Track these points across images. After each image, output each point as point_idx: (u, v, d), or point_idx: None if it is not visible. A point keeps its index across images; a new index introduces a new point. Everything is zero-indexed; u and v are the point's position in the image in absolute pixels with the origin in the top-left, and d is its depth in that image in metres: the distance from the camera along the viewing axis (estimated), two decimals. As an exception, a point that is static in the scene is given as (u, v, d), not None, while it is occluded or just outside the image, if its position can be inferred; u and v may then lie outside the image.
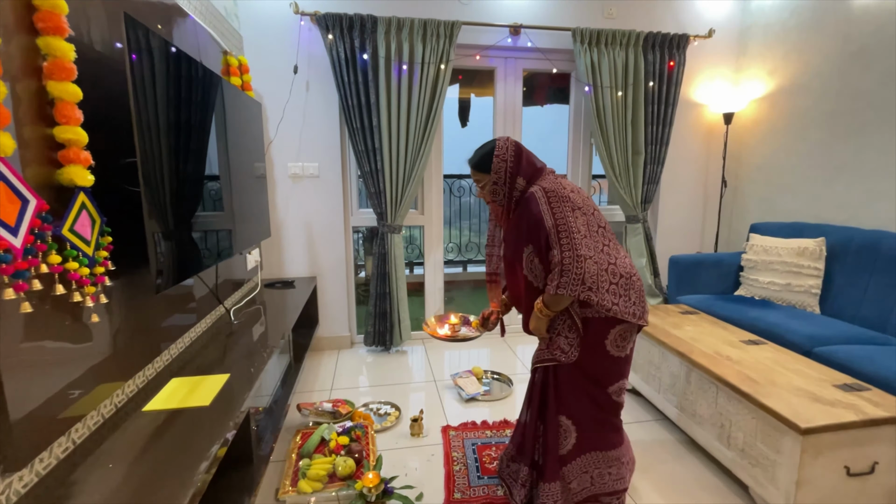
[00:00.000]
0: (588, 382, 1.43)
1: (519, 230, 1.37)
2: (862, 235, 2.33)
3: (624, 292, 1.34)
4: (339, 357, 2.92)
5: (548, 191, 1.31)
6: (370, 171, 2.74)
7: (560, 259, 1.24)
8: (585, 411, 1.45)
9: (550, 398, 1.45)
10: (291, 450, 1.84)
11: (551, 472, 1.45)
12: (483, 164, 1.38)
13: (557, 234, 1.26)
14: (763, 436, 1.51)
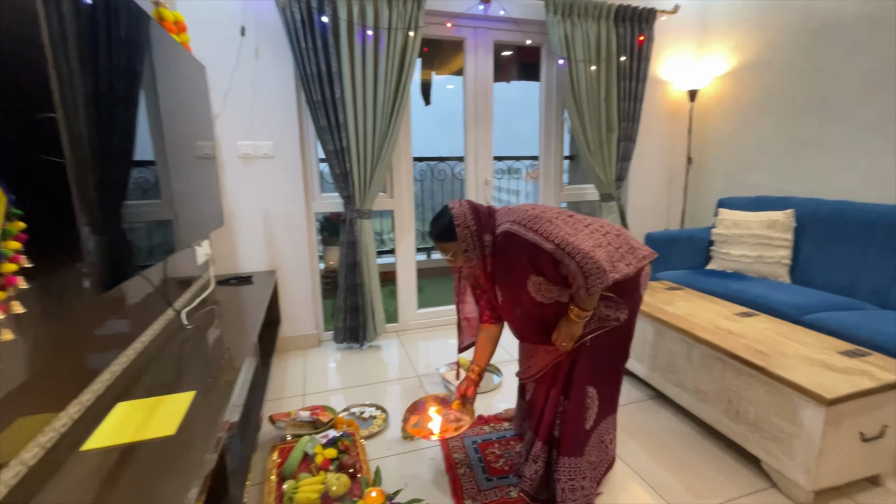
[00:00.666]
0: (623, 338, 1.46)
1: (514, 268, 1.36)
2: (828, 206, 2.41)
3: (628, 249, 1.37)
4: (308, 358, 2.64)
5: (520, 221, 1.31)
6: (334, 151, 2.46)
7: (577, 266, 1.23)
8: (609, 375, 1.48)
9: (581, 370, 1.41)
10: (269, 469, 1.58)
11: (576, 445, 1.41)
12: (446, 234, 1.36)
13: (560, 248, 1.25)
14: (778, 409, 1.48)
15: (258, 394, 1.86)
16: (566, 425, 1.42)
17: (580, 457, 1.41)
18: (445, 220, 1.37)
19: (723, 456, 1.70)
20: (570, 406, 1.42)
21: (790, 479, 1.46)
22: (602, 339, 1.41)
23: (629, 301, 1.41)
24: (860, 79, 2.33)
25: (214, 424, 1.04)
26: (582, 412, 1.42)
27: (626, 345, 1.50)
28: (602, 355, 1.44)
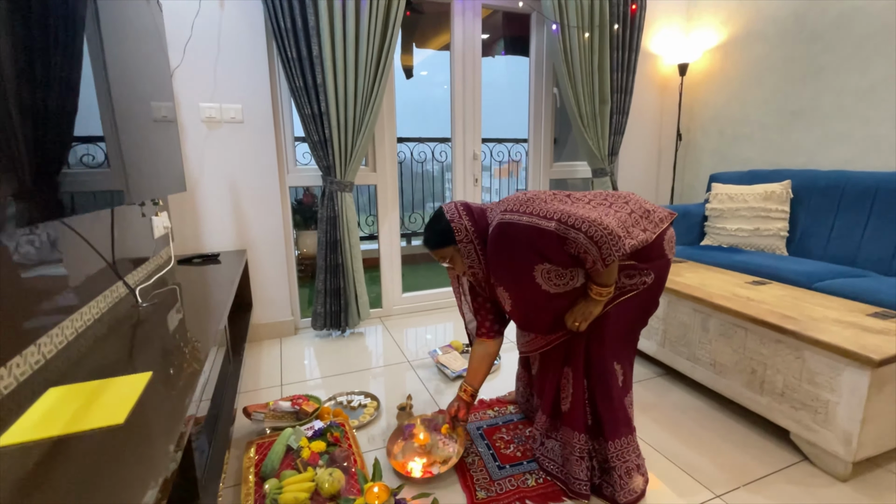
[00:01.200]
0: (647, 304, 1.32)
1: (515, 262, 1.19)
2: (825, 177, 2.37)
3: (642, 214, 1.25)
4: (283, 346, 2.39)
5: (512, 209, 1.19)
6: (312, 115, 2.21)
7: (586, 237, 1.08)
8: (631, 346, 1.36)
9: (604, 345, 1.26)
10: (246, 468, 1.35)
11: (621, 424, 1.27)
12: (444, 239, 1.29)
13: (563, 223, 1.10)
14: (811, 375, 1.37)
15: (230, 385, 1.62)
16: (603, 407, 1.27)
17: (631, 434, 1.28)
18: (441, 224, 1.28)
19: (745, 431, 1.59)
20: (600, 387, 1.27)
21: (826, 451, 1.35)
22: (625, 308, 1.26)
23: (654, 266, 1.26)
24: (855, 46, 2.29)
25: (177, 412, 0.81)
26: (615, 390, 1.27)
27: (648, 312, 1.35)
28: (624, 326, 1.30)
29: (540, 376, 1.47)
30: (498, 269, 1.25)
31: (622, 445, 1.25)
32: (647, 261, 1.24)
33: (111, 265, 1.31)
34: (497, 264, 1.24)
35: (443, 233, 1.28)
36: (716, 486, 1.33)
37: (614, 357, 1.28)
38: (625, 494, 1.23)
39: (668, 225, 1.28)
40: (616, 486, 1.24)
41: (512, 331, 1.63)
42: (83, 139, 1.05)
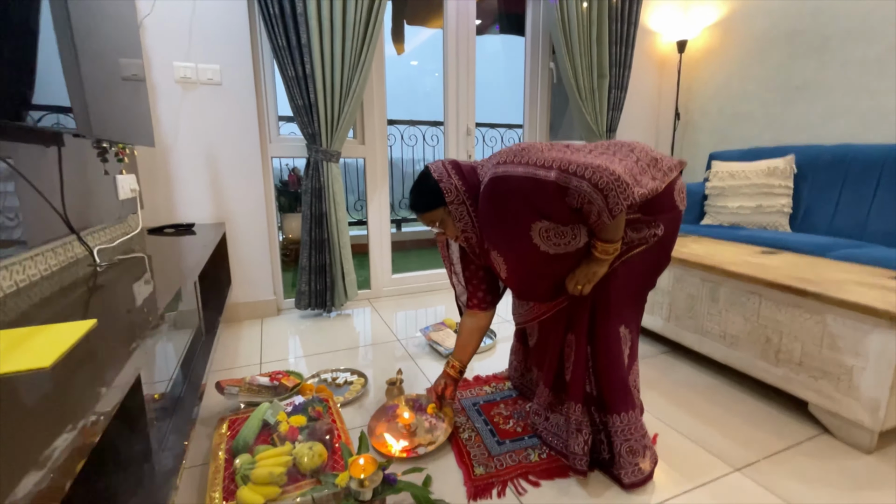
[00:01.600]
0: (658, 259, 1.20)
1: (510, 220, 1.06)
2: (829, 151, 2.30)
3: (650, 161, 1.10)
4: (265, 327, 2.24)
5: (506, 161, 1.05)
6: (295, 77, 2.07)
7: (590, 185, 0.93)
8: (638, 308, 1.23)
9: (611, 307, 1.13)
10: (216, 445, 1.20)
11: (624, 397, 1.14)
12: (432, 201, 1.14)
13: (564, 171, 0.96)
14: (833, 341, 1.27)
15: (200, 359, 1.46)
16: (606, 377, 1.14)
17: (634, 409, 1.14)
18: (428, 184, 1.15)
19: (758, 405, 1.49)
20: (604, 353, 1.14)
21: (850, 421, 1.26)
22: (633, 265, 1.14)
23: (664, 218, 1.14)
24: (862, 15, 2.22)
25: (117, 359, 0.67)
26: (620, 358, 1.15)
27: (659, 269, 1.23)
28: (633, 285, 1.17)
29: (539, 347, 1.36)
30: (491, 229, 1.11)
31: (626, 421, 1.13)
32: (655, 213, 1.13)
33: (60, 214, 1.16)
34: (490, 224, 1.10)
35: (430, 194, 1.14)
36: (733, 460, 1.22)
37: (621, 320, 1.15)
38: (628, 475, 1.11)
39: (678, 174, 1.17)
40: (620, 464, 1.12)
41: (504, 306, 1.50)
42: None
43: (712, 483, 1.13)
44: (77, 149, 1.31)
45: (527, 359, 1.50)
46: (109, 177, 1.56)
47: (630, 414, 1.13)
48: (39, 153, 1.12)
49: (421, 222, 1.22)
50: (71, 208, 1.22)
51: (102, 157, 1.50)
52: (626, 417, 1.12)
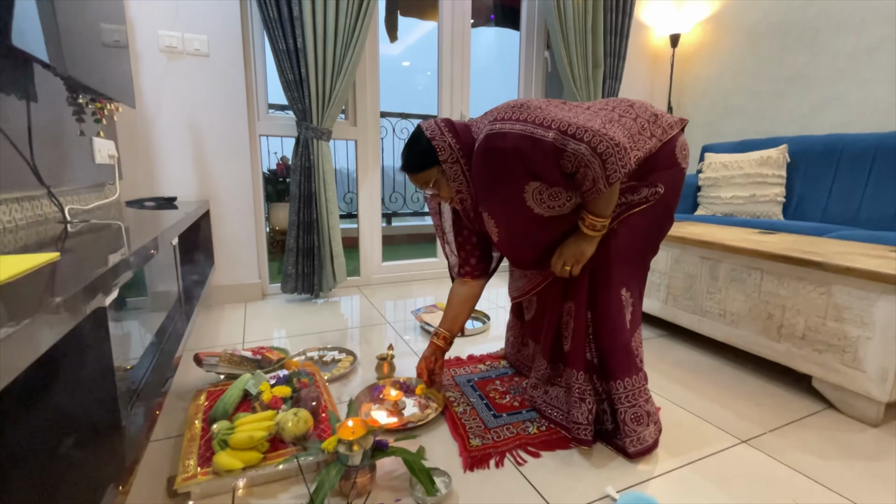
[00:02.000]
0: (660, 221, 1.14)
1: (502, 179, 1.02)
2: (820, 141, 2.31)
3: (649, 118, 1.07)
4: (248, 310, 2.14)
5: (503, 118, 1.00)
6: (286, 50, 2.01)
7: (588, 148, 0.90)
8: (641, 271, 1.18)
9: (612, 268, 1.09)
10: (192, 415, 1.11)
11: (627, 362, 1.09)
12: (426, 161, 1.08)
13: (562, 132, 0.92)
14: (839, 312, 1.24)
15: (176, 330, 1.37)
16: (608, 342, 1.09)
17: (638, 373, 1.09)
18: (421, 143, 1.08)
19: (759, 383, 1.45)
20: (605, 318, 1.09)
21: (856, 393, 1.22)
22: (634, 224, 1.09)
23: (665, 176, 1.10)
24: (852, 8, 2.25)
25: (78, 280, 0.59)
26: (622, 321, 1.10)
27: (661, 230, 1.17)
28: (635, 245, 1.12)
29: (536, 319, 1.31)
30: (484, 189, 1.06)
31: (630, 386, 1.07)
32: (655, 170, 1.09)
33: (27, 161, 1.07)
34: (483, 184, 1.05)
35: (423, 153, 1.08)
36: (739, 433, 1.17)
37: (622, 283, 1.11)
38: (633, 443, 1.05)
39: (680, 131, 1.13)
40: (624, 433, 1.06)
41: (499, 294, 1.45)
42: None
43: (719, 454, 1.08)
44: (50, 98, 1.23)
45: (523, 334, 1.44)
46: (86, 138, 1.48)
47: (634, 378, 1.08)
48: (7, 86, 1.03)
49: (413, 183, 1.16)
50: (41, 161, 1.13)
51: (78, 116, 1.41)
52: (629, 382, 1.07)
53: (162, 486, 0.93)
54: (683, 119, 1.14)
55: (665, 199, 1.11)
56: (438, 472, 0.96)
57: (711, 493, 0.95)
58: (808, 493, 0.96)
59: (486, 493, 0.94)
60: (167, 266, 1.46)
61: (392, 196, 4.29)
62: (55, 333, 0.48)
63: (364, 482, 0.90)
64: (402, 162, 1.12)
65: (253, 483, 0.93)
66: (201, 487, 0.89)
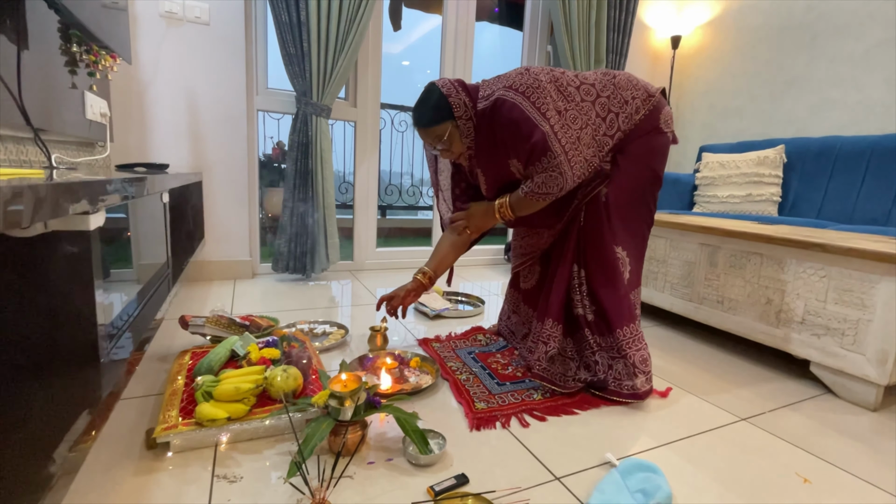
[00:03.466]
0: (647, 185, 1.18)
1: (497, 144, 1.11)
2: (817, 143, 2.34)
3: (619, 105, 1.11)
4: (237, 287, 2.09)
5: (515, 87, 1.05)
6: (289, 23, 1.98)
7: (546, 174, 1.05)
8: (634, 235, 1.20)
9: (602, 226, 1.14)
10: (175, 373, 1.06)
11: (624, 311, 1.14)
12: (442, 115, 1.11)
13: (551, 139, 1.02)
14: (839, 294, 1.23)
15: (160, 292, 1.31)
16: (604, 293, 1.14)
17: (635, 321, 1.15)
18: (434, 97, 1.12)
19: (756, 369, 1.44)
20: (601, 271, 1.15)
21: (855, 377, 1.21)
22: (619, 184, 1.14)
23: (646, 140, 1.14)
24: (851, 12, 2.29)
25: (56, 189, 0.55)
26: (619, 276, 1.14)
27: (649, 190, 1.19)
28: (622, 202, 1.15)
29: (535, 288, 1.34)
30: (482, 147, 1.14)
31: (633, 332, 1.14)
32: (637, 139, 1.14)
33: (14, 97, 1.02)
34: (483, 142, 1.13)
35: (439, 108, 1.11)
36: (739, 412, 1.15)
37: (614, 240, 1.15)
38: (644, 383, 1.13)
39: (660, 103, 1.15)
40: (634, 374, 1.12)
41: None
42: None
43: (720, 429, 1.06)
44: (42, 43, 1.18)
45: (517, 302, 1.43)
46: (77, 91, 1.43)
47: (633, 325, 1.14)
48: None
49: (423, 139, 1.16)
50: (30, 105, 1.09)
51: (71, 68, 1.36)
52: (632, 328, 1.14)
53: (140, 440, 0.88)
54: (650, 95, 1.14)
55: (648, 162, 1.16)
56: (433, 433, 0.93)
57: (713, 462, 0.93)
58: (810, 466, 0.93)
59: (482, 456, 0.90)
60: (156, 223, 1.40)
61: (387, 189, 4.25)
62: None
63: (354, 439, 0.86)
64: (416, 116, 1.14)
65: (237, 438, 0.89)
66: (182, 438, 0.84)
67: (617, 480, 0.79)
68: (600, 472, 0.87)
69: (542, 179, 1.04)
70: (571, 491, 0.81)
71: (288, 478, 0.72)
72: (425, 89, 1.14)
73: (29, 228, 0.65)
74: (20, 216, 0.41)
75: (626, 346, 1.12)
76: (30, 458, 0.52)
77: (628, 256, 1.17)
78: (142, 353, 0.92)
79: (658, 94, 1.14)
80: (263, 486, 0.78)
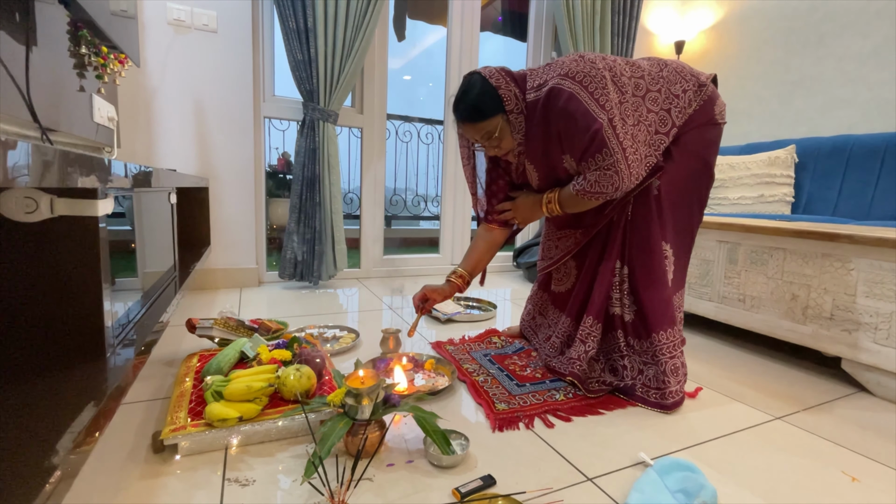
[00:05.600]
0: (701, 177, 1.11)
1: (552, 138, 1.03)
2: (829, 142, 2.31)
3: (674, 106, 1.04)
4: (243, 295, 2.05)
5: (571, 75, 0.96)
6: (296, 30, 1.98)
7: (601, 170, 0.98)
8: (685, 230, 1.13)
9: (651, 220, 1.07)
10: (182, 375, 1.02)
11: (665, 314, 1.07)
12: (489, 108, 1.02)
13: (608, 131, 0.95)
14: (871, 287, 1.19)
15: (166, 295, 1.28)
16: (646, 294, 1.07)
17: (675, 325, 1.07)
18: (477, 88, 1.02)
19: (784, 368, 1.38)
20: (644, 269, 1.08)
21: (891, 373, 1.15)
22: (673, 177, 1.07)
23: (700, 132, 1.08)
24: (857, 11, 2.29)
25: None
26: (663, 275, 1.07)
27: (700, 186, 1.12)
28: (673, 198, 1.08)
29: (567, 290, 1.26)
30: (534, 140, 1.06)
31: (671, 338, 1.06)
32: (692, 129, 1.07)
33: (21, 92, 1.00)
34: (535, 135, 1.05)
35: (488, 101, 1.02)
36: (773, 411, 1.10)
37: (661, 237, 1.08)
38: (673, 394, 1.04)
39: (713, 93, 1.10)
40: (665, 382, 1.04)
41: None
42: None
43: (756, 427, 1.00)
44: (51, 46, 1.17)
45: (544, 304, 1.37)
46: (86, 94, 1.42)
47: (673, 329, 1.07)
48: (4, 20, 0.98)
49: (468, 135, 1.09)
50: (37, 101, 1.07)
51: (80, 70, 1.36)
52: (670, 333, 1.06)
53: (146, 444, 0.83)
54: (702, 84, 1.08)
55: (701, 154, 1.09)
56: (455, 434, 0.88)
57: (752, 461, 0.87)
58: (855, 464, 0.88)
59: (507, 458, 0.85)
60: (163, 223, 1.37)
61: (392, 199, 4.24)
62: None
63: (373, 440, 0.81)
64: (462, 108, 1.05)
65: (248, 440, 0.84)
66: (191, 440, 0.79)
67: (655, 480, 0.74)
68: (634, 472, 0.82)
69: (595, 178, 0.97)
70: (605, 491, 0.76)
71: (306, 477, 0.68)
72: (465, 80, 1.06)
73: (34, 213, 0.62)
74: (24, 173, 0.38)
75: (662, 353, 1.05)
76: (25, 459, 0.48)
77: (674, 255, 1.10)
78: (147, 355, 0.88)
79: (710, 84, 1.08)
80: (277, 489, 0.73)
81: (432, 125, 4.15)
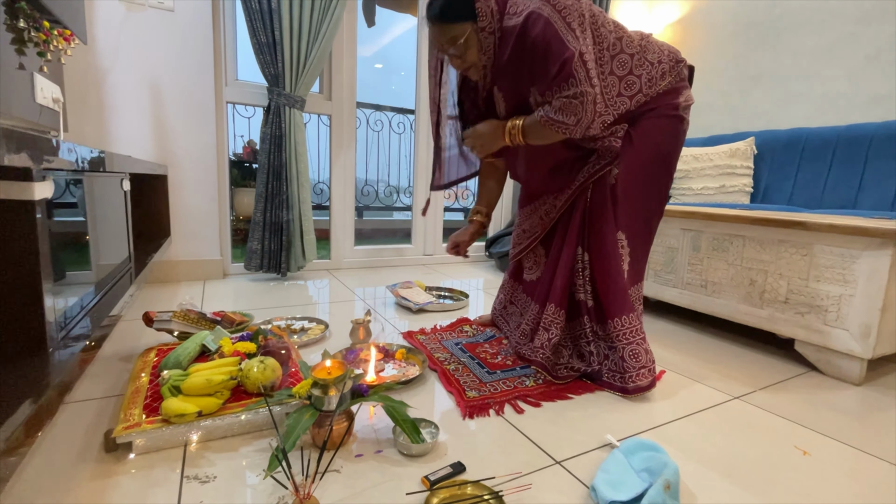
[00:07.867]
0: (659, 173, 1.14)
1: (523, 67, 1.00)
2: (786, 134, 2.41)
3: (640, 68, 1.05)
4: (207, 288, 1.97)
5: (554, 5, 0.94)
6: (259, 10, 1.90)
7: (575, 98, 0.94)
8: (640, 225, 1.15)
9: (606, 210, 1.10)
10: (138, 371, 0.97)
11: (621, 300, 1.09)
12: (461, 11, 0.98)
13: (578, 62, 0.92)
14: (821, 272, 1.25)
15: (119, 288, 1.21)
16: (601, 281, 1.10)
17: (632, 312, 1.09)
18: None
19: (741, 350, 1.44)
20: (599, 257, 1.10)
21: (839, 352, 1.22)
22: (629, 167, 1.08)
23: (661, 122, 1.09)
24: (813, 9, 2.38)
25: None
26: (617, 263, 1.09)
27: (660, 181, 1.15)
28: (630, 189, 1.10)
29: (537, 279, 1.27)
30: (507, 67, 1.02)
31: (627, 324, 1.08)
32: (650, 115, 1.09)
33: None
34: (508, 62, 1.01)
35: (463, 5, 0.98)
36: (731, 391, 1.14)
37: (617, 226, 1.10)
38: (631, 378, 1.05)
39: (686, 82, 1.12)
40: (623, 368, 1.06)
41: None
42: None
43: (716, 407, 1.04)
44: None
45: (515, 291, 1.38)
46: (26, 73, 1.31)
47: (629, 317, 1.08)
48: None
49: (435, 38, 1.04)
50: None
51: (18, 46, 1.25)
52: (626, 320, 1.08)
53: (97, 443, 0.79)
54: (680, 62, 1.10)
55: (661, 146, 1.10)
56: (425, 422, 0.87)
57: (714, 439, 0.90)
58: (808, 440, 0.92)
59: (477, 444, 0.85)
60: (116, 211, 1.30)
61: (364, 189, 4.17)
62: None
63: (340, 430, 0.80)
64: (433, 6, 1.00)
65: (209, 436, 0.80)
66: (146, 437, 0.75)
67: (620, 460, 0.76)
68: (601, 453, 0.83)
69: (560, 104, 0.94)
70: (573, 474, 0.77)
71: (269, 471, 0.65)
72: None
73: (-41, 196, 0.57)
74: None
75: (619, 339, 1.07)
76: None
77: (630, 246, 1.12)
78: (97, 349, 0.83)
79: (685, 62, 1.10)
80: (240, 485, 0.71)
81: (404, 114, 4.08)
